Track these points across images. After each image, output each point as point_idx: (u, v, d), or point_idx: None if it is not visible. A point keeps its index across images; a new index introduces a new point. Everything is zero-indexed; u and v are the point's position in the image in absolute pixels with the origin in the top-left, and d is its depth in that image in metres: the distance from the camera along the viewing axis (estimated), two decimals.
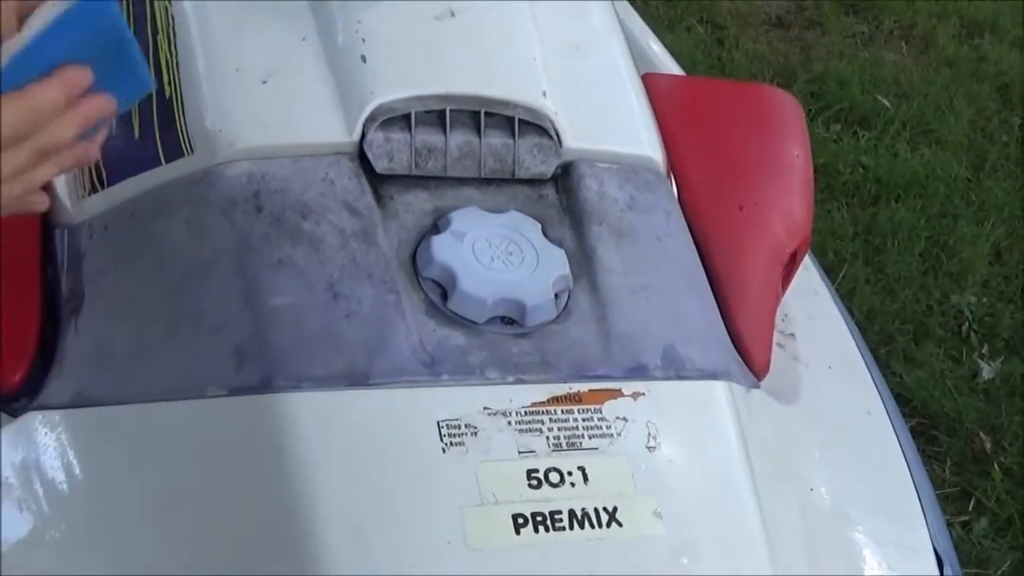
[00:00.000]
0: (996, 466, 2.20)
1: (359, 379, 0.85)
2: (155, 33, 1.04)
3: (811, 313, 1.29)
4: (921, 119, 3.02)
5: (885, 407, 1.21)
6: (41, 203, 0.79)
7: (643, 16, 3.00)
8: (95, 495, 0.88)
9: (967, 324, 2.50)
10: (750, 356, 1.08)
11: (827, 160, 2.79)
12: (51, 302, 0.99)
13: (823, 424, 1.13)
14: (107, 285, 0.97)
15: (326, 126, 0.96)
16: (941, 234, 2.70)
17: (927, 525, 1.10)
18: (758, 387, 1.05)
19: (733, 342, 1.06)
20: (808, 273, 1.33)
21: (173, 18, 1.03)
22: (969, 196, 2.83)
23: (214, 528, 0.85)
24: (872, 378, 1.24)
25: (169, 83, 1.00)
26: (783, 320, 1.23)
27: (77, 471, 0.89)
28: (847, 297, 2.45)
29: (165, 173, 0.97)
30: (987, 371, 2.39)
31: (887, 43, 3.36)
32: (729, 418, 0.94)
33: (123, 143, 1.02)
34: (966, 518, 2.10)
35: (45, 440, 0.91)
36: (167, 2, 1.04)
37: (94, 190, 1.02)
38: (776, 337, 1.18)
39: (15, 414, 0.92)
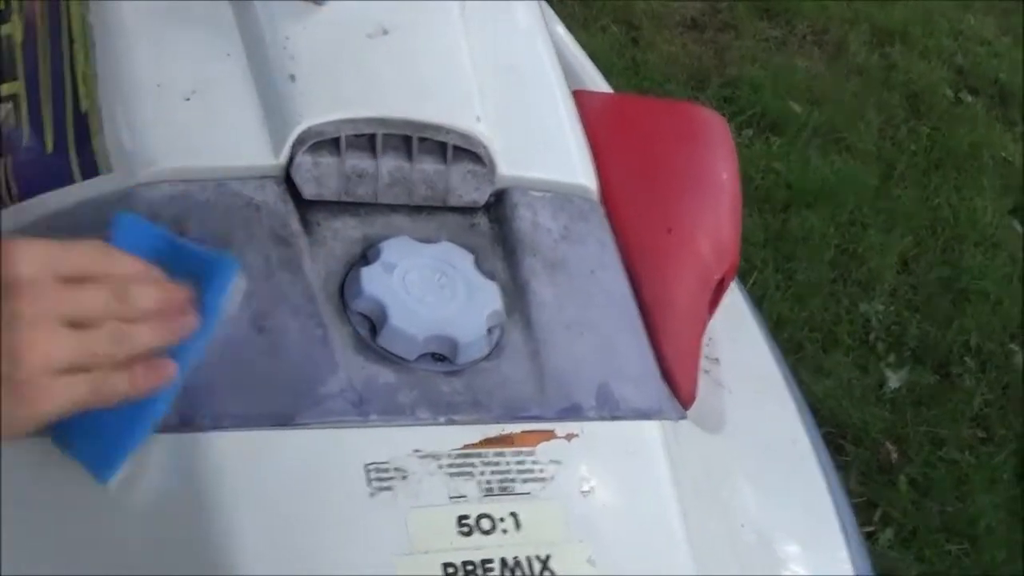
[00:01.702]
0: (902, 476, 2.22)
1: (284, 419, 0.82)
2: (71, 43, 0.99)
3: (735, 336, 1.28)
4: (832, 126, 3.05)
5: (808, 434, 1.20)
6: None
7: (558, 12, 3.00)
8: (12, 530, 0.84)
9: (874, 333, 2.52)
10: (677, 385, 1.06)
11: (739, 166, 2.79)
12: None
13: (749, 454, 1.11)
14: None
15: (252, 148, 0.92)
16: (850, 242, 2.73)
17: (849, 556, 1.10)
18: (685, 417, 1.03)
19: (660, 370, 1.04)
20: (732, 295, 1.31)
21: (91, 27, 0.99)
22: (878, 204, 2.86)
23: (129, 570, 0.80)
24: (795, 404, 1.24)
25: (86, 96, 0.96)
26: (707, 344, 1.22)
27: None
28: (757, 304, 2.45)
29: (80, 191, 0.93)
30: (893, 380, 2.42)
31: (800, 48, 3.39)
32: (662, 459, 0.92)
33: (34, 157, 0.97)
34: (871, 528, 2.12)
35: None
36: (84, 10, 1.00)
37: (2, 204, 0.97)
38: (702, 362, 1.17)
39: None
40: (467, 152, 0.97)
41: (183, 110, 0.93)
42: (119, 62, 0.96)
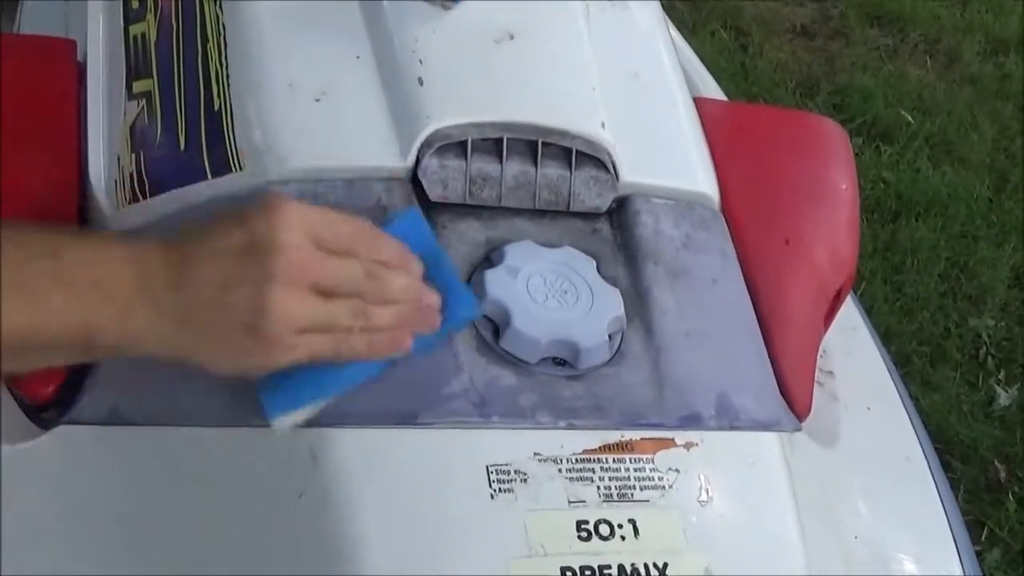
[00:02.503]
0: (1010, 496, 2.18)
1: (407, 417, 0.83)
2: (205, 42, 1.01)
3: (850, 349, 1.27)
4: (944, 136, 3.01)
5: (923, 451, 1.18)
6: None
7: (667, 15, 2.98)
8: (122, 517, 0.86)
9: (984, 348, 2.48)
10: (793, 397, 1.05)
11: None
12: None
13: (863, 469, 1.10)
14: None
15: (380, 149, 0.93)
16: (961, 255, 2.69)
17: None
18: (800, 430, 1.03)
19: (777, 382, 1.04)
20: (846, 307, 1.30)
21: (224, 27, 1.00)
22: (990, 217, 2.82)
23: (250, 563, 0.82)
24: (910, 420, 1.22)
25: (219, 95, 0.97)
26: (822, 357, 1.21)
27: (105, 491, 0.87)
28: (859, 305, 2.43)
29: (211, 188, 0.95)
30: (1004, 398, 2.37)
31: (912, 57, 3.35)
32: (781, 471, 0.91)
33: (167, 153, 0.99)
34: (979, 548, 2.08)
35: (74, 456, 0.88)
36: (219, 10, 1.01)
37: (135, 200, 0.99)
38: (816, 375, 1.16)
39: (46, 427, 0.89)
40: (591, 158, 0.97)
41: (314, 110, 0.94)
42: (252, 61, 0.97)
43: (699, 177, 1.05)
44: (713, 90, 1.69)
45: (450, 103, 0.95)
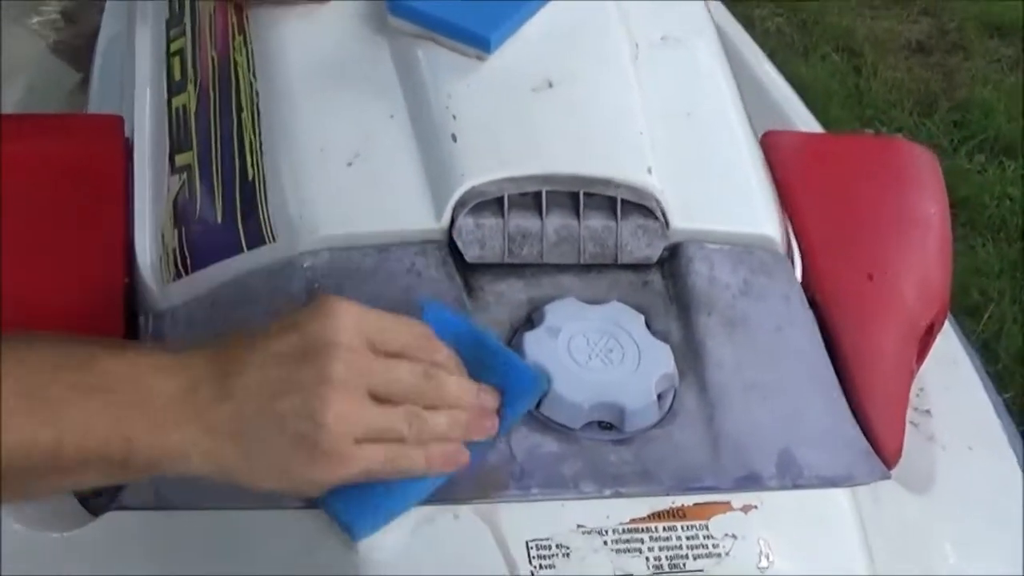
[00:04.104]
0: None
1: (442, 494, 0.79)
2: (240, 111, 0.99)
3: (949, 385, 1.19)
4: None
5: None
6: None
7: (776, 43, 2.92)
8: None
9: None
10: (880, 443, 0.99)
11: (970, 193, 2.68)
12: None
13: (962, 514, 1.03)
14: None
15: (413, 212, 0.90)
16: None
17: None
18: (888, 478, 0.96)
19: (862, 427, 0.98)
20: (946, 339, 1.22)
21: (258, 94, 0.98)
22: None
23: None
24: (1018, 460, 1.14)
25: (252, 165, 0.95)
26: (918, 395, 1.14)
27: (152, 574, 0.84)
28: (993, 339, 2.34)
29: (246, 261, 0.92)
30: None
31: None
32: (853, 531, 0.85)
33: (207, 227, 0.97)
34: None
35: (122, 542, 0.86)
36: (252, 77, 0.99)
37: (179, 275, 0.97)
38: (910, 414, 1.09)
39: (96, 512, 0.87)
40: (638, 206, 0.92)
41: (345, 175, 0.92)
42: (283, 129, 0.95)
43: (759, 219, 0.99)
44: (809, 122, 1.63)
45: (485, 158, 0.92)
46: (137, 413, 0.69)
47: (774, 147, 1.17)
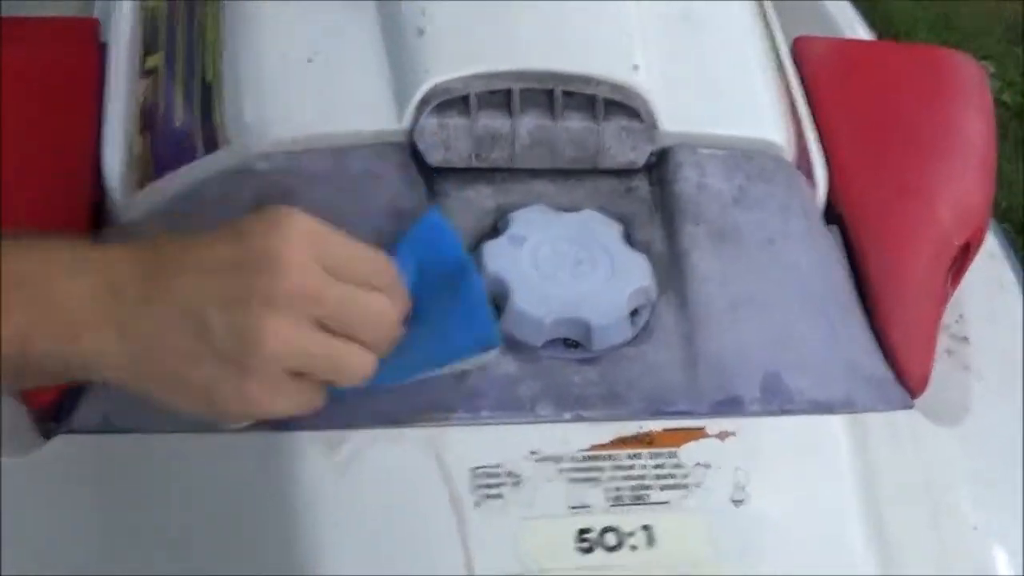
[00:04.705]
0: None
1: (384, 416, 0.72)
2: (203, 8, 0.92)
3: (993, 312, 1.09)
4: None
5: None
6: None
7: None
8: (112, 523, 0.78)
9: None
10: (904, 369, 0.90)
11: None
12: None
13: (993, 450, 0.94)
14: None
15: (373, 112, 0.83)
16: None
17: None
18: (911, 406, 0.87)
19: (885, 354, 0.89)
20: (993, 262, 1.13)
21: None
22: None
23: (233, 565, 0.73)
24: None
25: (211, 65, 0.89)
26: (957, 321, 1.04)
27: (99, 497, 0.79)
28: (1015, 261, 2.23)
29: (201, 168, 0.85)
30: None
31: None
32: (847, 463, 0.77)
33: (169, 133, 0.91)
34: None
35: (70, 464, 0.80)
36: None
37: (142, 185, 0.91)
38: (945, 342, 1.00)
39: (48, 435, 0.82)
40: (622, 106, 0.84)
41: (304, 74, 0.85)
42: (242, 25, 0.88)
43: (762, 122, 0.90)
44: (858, 31, 1.52)
45: (453, 54, 0.84)
46: (46, 314, 0.60)
47: (806, 54, 1.08)
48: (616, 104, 0.84)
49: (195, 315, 0.60)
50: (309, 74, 0.85)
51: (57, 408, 0.83)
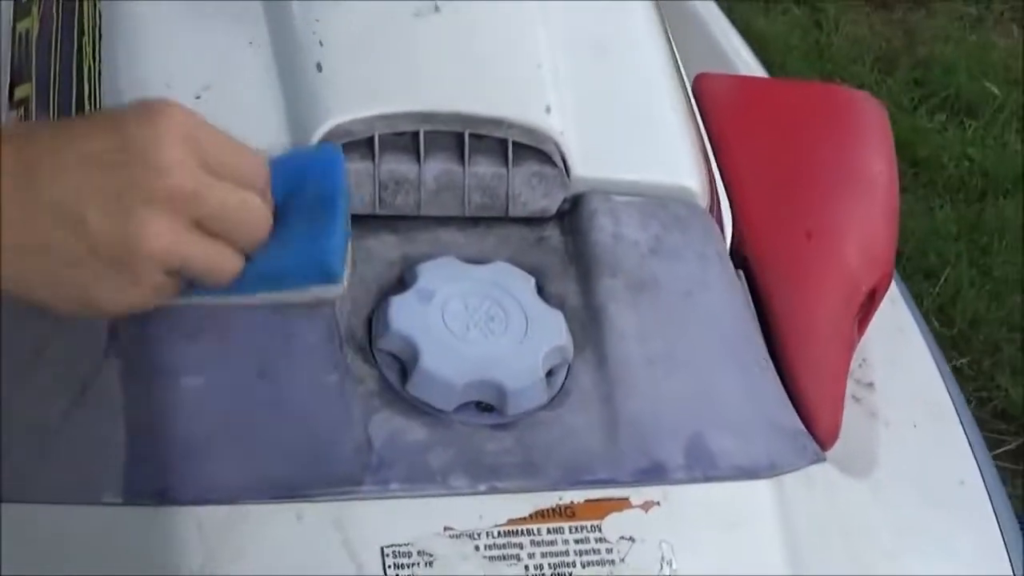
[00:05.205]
0: None
1: (282, 490, 0.66)
2: (80, 35, 0.86)
3: (895, 357, 1.07)
4: None
5: (982, 474, 0.99)
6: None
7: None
8: None
9: None
10: (815, 420, 0.87)
11: (930, 153, 2.60)
12: None
13: (907, 500, 0.91)
14: (10, 345, 0.78)
15: (269, 153, 0.77)
16: None
17: None
18: (823, 460, 0.84)
19: (794, 403, 0.86)
20: (893, 306, 1.11)
21: (100, 16, 0.85)
22: None
23: None
24: (967, 436, 1.03)
25: (89, 97, 0.82)
26: (860, 366, 1.02)
27: None
28: (950, 303, 2.27)
29: None
30: None
31: (997, 26, 3.14)
32: (775, 530, 0.74)
33: None
34: None
35: None
36: None
37: None
38: (851, 388, 0.97)
39: None
40: (533, 150, 0.80)
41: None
42: (125, 55, 0.82)
43: (677, 167, 0.87)
44: (752, 67, 1.51)
45: (354, 92, 0.79)
46: None
47: (707, 91, 1.05)
48: (527, 148, 0.80)
49: (71, 213, 0.57)
50: (197, 110, 0.78)
51: None
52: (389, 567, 0.65)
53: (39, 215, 0.57)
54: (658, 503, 0.71)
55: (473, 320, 0.73)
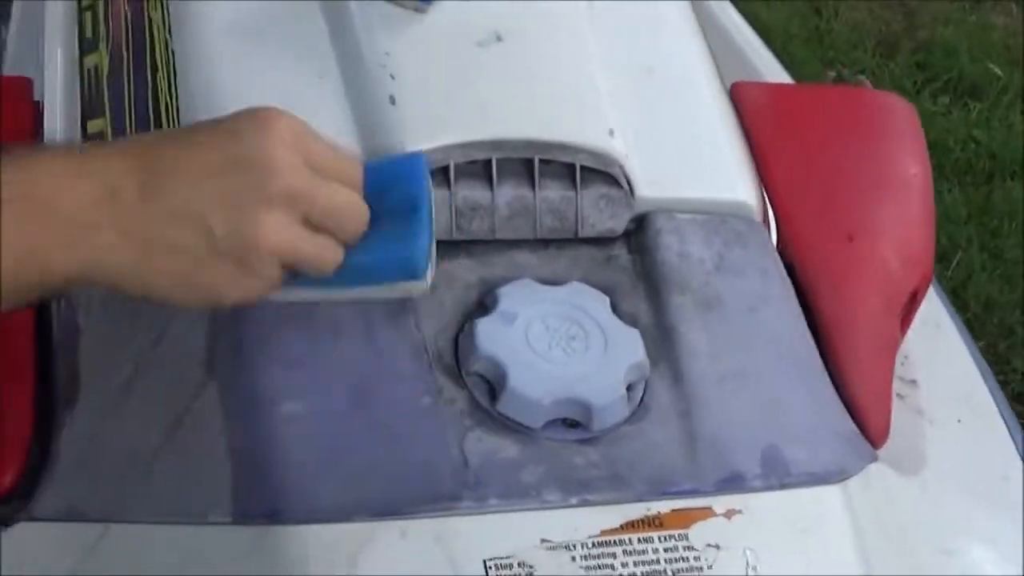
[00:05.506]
0: None
1: (386, 508, 0.70)
2: (154, 71, 0.89)
3: (934, 353, 1.10)
4: None
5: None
6: None
7: None
8: None
9: None
10: (866, 421, 0.90)
11: (936, 136, 2.60)
12: (47, 388, 0.84)
13: (955, 498, 0.95)
14: (103, 371, 0.82)
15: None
16: None
17: None
18: (876, 459, 0.88)
19: (846, 405, 0.89)
20: (929, 302, 1.14)
21: (174, 54, 0.88)
22: None
23: None
24: (1008, 429, 1.06)
25: None
26: (902, 364, 1.05)
27: None
28: (962, 287, 2.28)
29: None
30: None
31: (996, 6, 3.15)
32: (847, 532, 0.77)
33: None
34: None
35: (34, 556, 0.76)
36: (168, 35, 0.89)
37: None
38: (895, 386, 1.00)
39: (6, 522, 0.78)
40: (599, 173, 0.83)
41: None
42: (201, 92, 0.85)
43: (733, 184, 0.90)
44: (775, 71, 1.53)
45: (427, 123, 0.82)
46: (53, 225, 0.61)
47: (744, 100, 1.08)
48: (594, 171, 0.83)
49: (196, 217, 0.63)
50: None
51: (14, 491, 0.79)
52: None
53: (167, 219, 0.62)
54: (740, 511, 0.74)
55: (555, 340, 0.77)
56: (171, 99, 0.86)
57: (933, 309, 1.13)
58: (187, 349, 0.78)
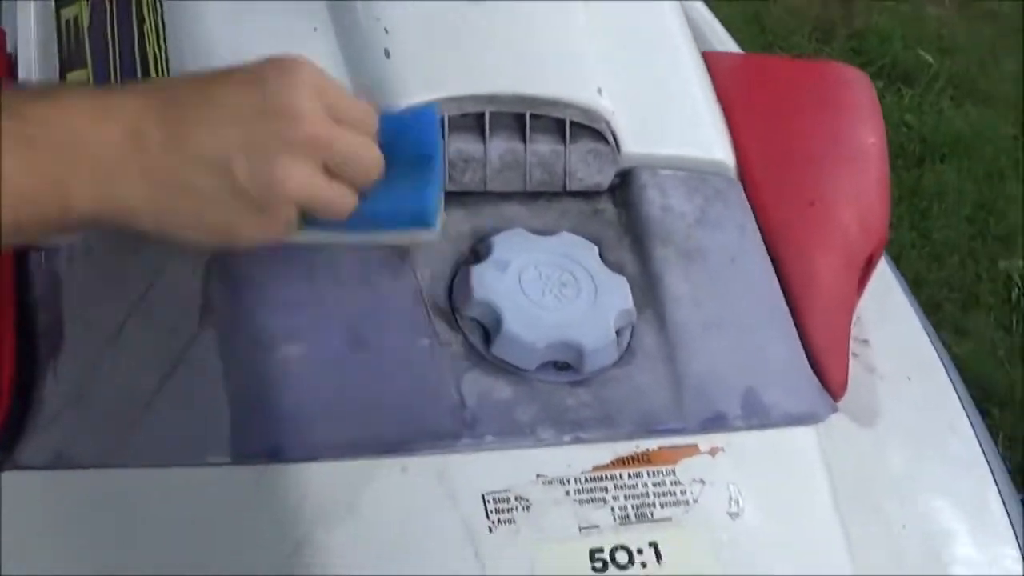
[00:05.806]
0: None
1: (386, 446, 0.72)
2: (141, 23, 0.90)
3: (885, 314, 1.15)
4: (966, 75, 2.89)
5: (970, 421, 1.07)
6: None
7: None
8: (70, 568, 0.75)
9: (1017, 291, 2.38)
10: (827, 375, 0.94)
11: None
12: (28, 337, 0.84)
13: (907, 448, 0.99)
14: (89, 321, 0.82)
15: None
16: (988, 196, 2.57)
17: (1020, 553, 0.98)
18: (836, 411, 0.92)
19: (808, 359, 0.93)
20: (879, 267, 1.18)
21: (161, 5, 0.89)
22: (1016, 155, 2.71)
23: None
24: (953, 385, 1.11)
25: None
26: (855, 324, 1.09)
27: (55, 543, 0.76)
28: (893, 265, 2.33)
29: None
30: None
31: None
32: (820, 470, 0.81)
33: None
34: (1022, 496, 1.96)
35: (20, 505, 0.77)
36: None
37: None
38: (850, 344, 1.05)
39: None
40: (587, 129, 0.86)
41: None
42: (191, 44, 0.86)
43: (712, 142, 0.93)
44: (727, 43, 1.57)
45: (421, 77, 0.84)
46: (76, 161, 0.62)
47: (712, 68, 1.11)
48: (582, 127, 0.86)
49: (220, 162, 0.64)
50: None
51: None
52: (491, 512, 0.71)
53: (191, 164, 0.64)
54: (722, 449, 0.77)
55: (547, 286, 0.79)
56: (159, 50, 0.88)
57: (884, 275, 1.17)
58: (181, 294, 0.79)
